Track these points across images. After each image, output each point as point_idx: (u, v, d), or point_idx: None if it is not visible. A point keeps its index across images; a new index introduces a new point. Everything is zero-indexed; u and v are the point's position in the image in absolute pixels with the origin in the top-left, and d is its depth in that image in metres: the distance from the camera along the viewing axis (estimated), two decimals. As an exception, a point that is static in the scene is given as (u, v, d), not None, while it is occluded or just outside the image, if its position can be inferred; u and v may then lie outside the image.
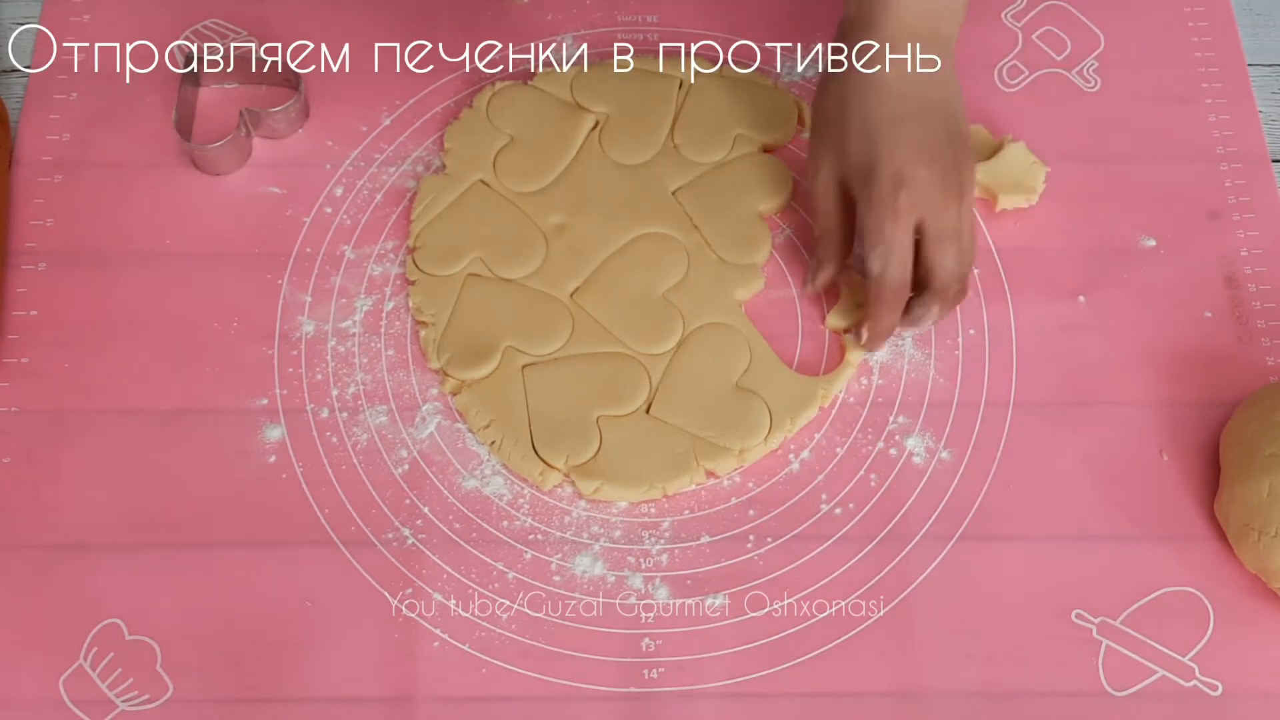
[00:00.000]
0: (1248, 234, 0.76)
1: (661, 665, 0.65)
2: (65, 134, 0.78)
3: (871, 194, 0.65)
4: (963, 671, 0.64)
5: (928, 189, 0.66)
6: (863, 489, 0.69)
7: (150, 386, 0.71)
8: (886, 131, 0.66)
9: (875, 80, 0.66)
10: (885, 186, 0.65)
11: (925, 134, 0.66)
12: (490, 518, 0.68)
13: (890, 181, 0.65)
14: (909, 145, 0.65)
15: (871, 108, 0.66)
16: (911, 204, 0.65)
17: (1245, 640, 0.65)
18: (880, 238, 0.66)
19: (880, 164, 0.65)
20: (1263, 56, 0.83)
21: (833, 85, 0.68)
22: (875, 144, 0.65)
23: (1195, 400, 0.71)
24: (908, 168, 0.65)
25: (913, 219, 0.66)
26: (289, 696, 0.64)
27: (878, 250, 0.66)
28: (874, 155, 0.65)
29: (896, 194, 0.65)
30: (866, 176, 0.66)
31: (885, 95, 0.66)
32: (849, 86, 0.67)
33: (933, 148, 0.66)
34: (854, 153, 0.66)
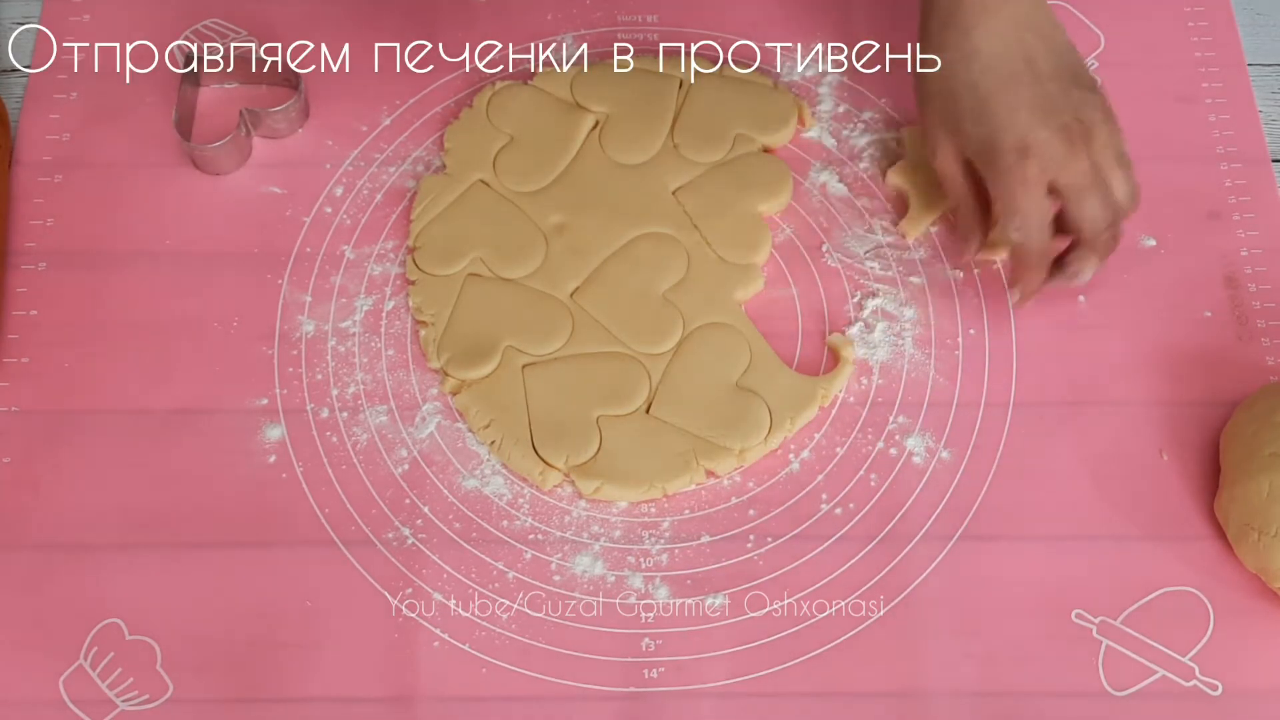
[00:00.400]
0: (1248, 234, 0.76)
1: (661, 665, 0.65)
2: (65, 134, 0.78)
3: (998, 168, 0.65)
4: (963, 671, 0.64)
5: (1051, 149, 0.65)
6: (863, 489, 0.69)
7: (150, 386, 0.71)
8: (998, 101, 0.64)
9: (973, 48, 0.65)
10: (1010, 158, 0.64)
11: (1037, 91, 0.65)
12: (490, 518, 0.68)
13: (1014, 153, 0.64)
14: (1024, 109, 0.64)
15: (977, 79, 0.65)
16: (1040, 169, 0.65)
17: (1245, 640, 0.65)
18: (1015, 209, 0.65)
19: (1000, 137, 0.64)
20: (1263, 56, 0.83)
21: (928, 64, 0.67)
22: (990, 117, 0.65)
23: (1195, 400, 0.71)
24: (1028, 134, 0.64)
25: (1044, 182, 0.65)
26: (289, 696, 0.64)
27: (1014, 221, 0.65)
28: (992, 129, 0.65)
29: (1023, 164, 0.64)
30: (989, 151, 0.65)
31: (989, 62, 0.65)
32: (949, 59, 0.66)
33: (1047, 103, 0.65)
34: (970, 130, 0.65)
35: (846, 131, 0.79)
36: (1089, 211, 0.66)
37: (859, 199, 0.77)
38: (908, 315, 0.73)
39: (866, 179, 0.78)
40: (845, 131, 0.79)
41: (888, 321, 0.73)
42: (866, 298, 0.74)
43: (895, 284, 0.74)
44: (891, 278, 0.75)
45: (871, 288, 0.74)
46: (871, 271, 0.75)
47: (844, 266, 0.75)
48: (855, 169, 0.78)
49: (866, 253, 0.75)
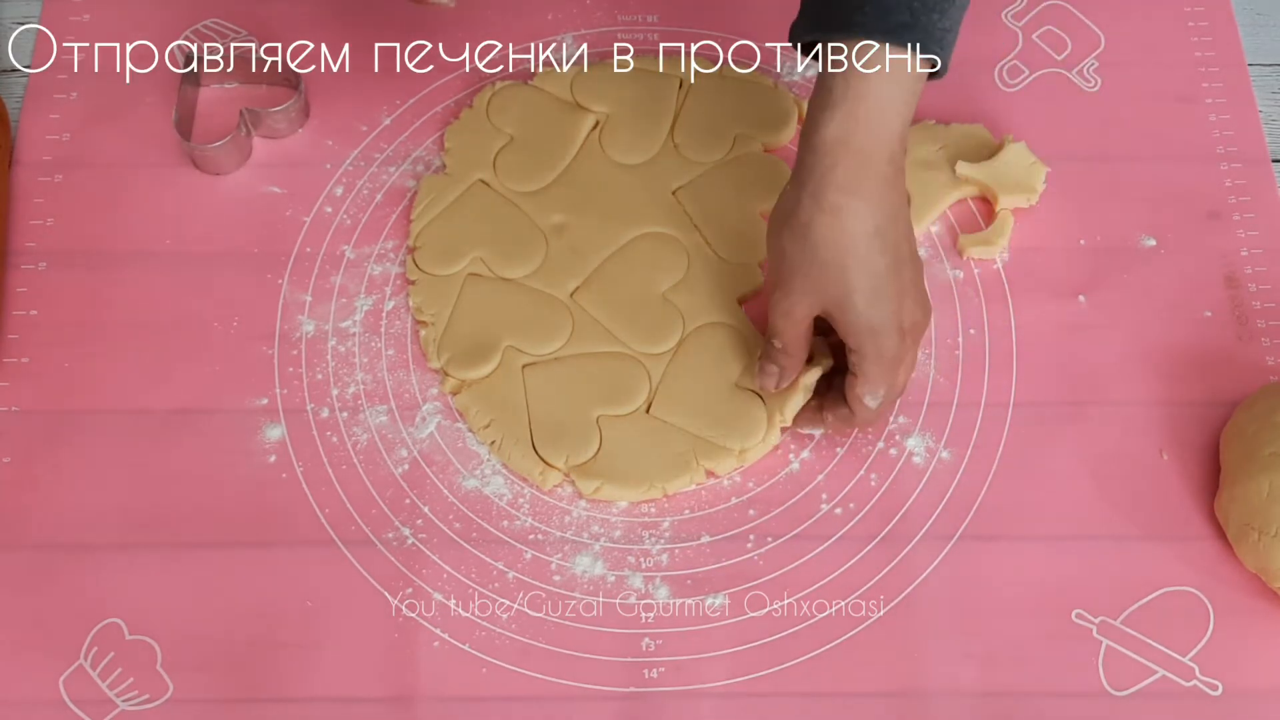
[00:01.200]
0: (1248, 234, 0.76)
1: (661, 665, 0.65)
2: (65, 134, 0.78)
3: (881, 349, 0.64)
4: (963, 671, 0.64)
5: (920, 329, 0.66)
6: (863, 489, 0.69)
7: (150, 386, 0.71)
8: (889, 285, 0.63)
9: (873, 227, 0.62)
10: (893, 340, 0.64)
11: (912, 273, 0.65)
12: (490, 518, 0.68)
13: (897, 335, 0.64)
14: (907, 294, 0.64)
15: (873, 260, 0.63)
16: (911, 344, 0.65)
17: (1245, 640, 0.65)
18: (885, 383, 0.65)
19: (889, 322, 0.63)
20: (1263, 56, 0.83)
21: (816, 227, 0.63)
22: (884, 301, 0.63)
23: (1195, 400, 0.71)
24: (908, 317, 0.64)
25: (911, 359, 0.66)
26: (289, 696, 0.64)
27: (881, 392, 0.65)
28: (882, 314, 0.63)
29: (902, 345, 0.64)
30: (874, 332, 0.63)
31: (883, 244, 0.63)
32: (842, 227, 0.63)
33: (917, 285, 0.65)
34: (861, 308, 0.63)
35: (846, 131, 0.79)
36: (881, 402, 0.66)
37: (859, 199, 0.77)
38: (908, 315, 0.73)
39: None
40: (845, 131, 0.79)
41: (888, 321, 0.73)
42: (866, 298, 0.74)
43: (895, 284, 0.74)
44: (891, 278, 0.74)
45: (871, 288, 0.74)
46: (871, 271, 0.75)
47: (844, 266, 0.75)
48: (855, 169, 0.78)
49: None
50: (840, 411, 0.67)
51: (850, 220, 0.62)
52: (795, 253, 0.64)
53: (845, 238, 0.62)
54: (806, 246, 0.63)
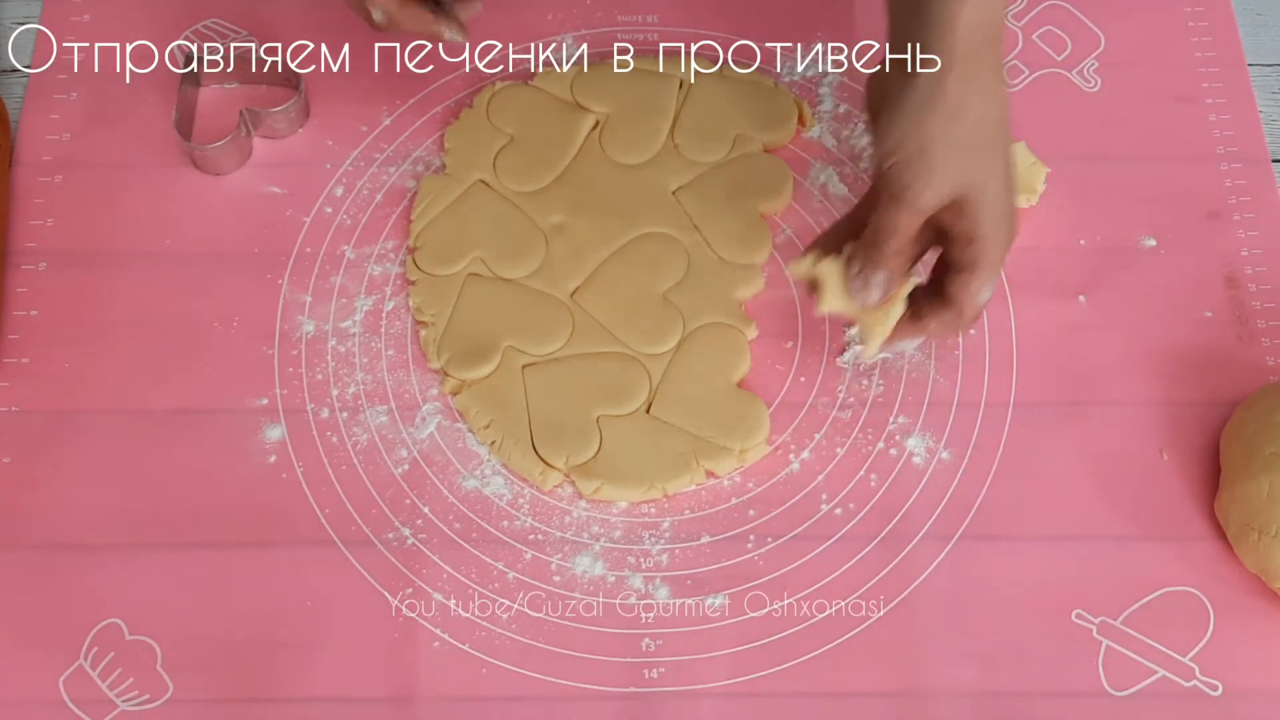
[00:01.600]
0: (1248, 234, 0.76)
1: (662, 665, 0.65)
2: (65, 134, 0.78)
3: (1007, 237, 0.63)
4: (963, 671, 0.64)
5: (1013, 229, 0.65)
6: (863, 489, 0.69)
7: (150, 386, 0.71)
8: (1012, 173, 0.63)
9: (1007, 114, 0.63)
10: (1015, 229, 0.64)
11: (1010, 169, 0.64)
12: (490, 518, 0.68)
13: (1013, 227, 0.64)
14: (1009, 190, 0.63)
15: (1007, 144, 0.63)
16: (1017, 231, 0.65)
17: (1245, 640, 0.65)
18: (998, 273, 0.64)
19: (1014, 209, 0.63)
20: (1263, 56, 0.83)
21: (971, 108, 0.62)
22: (1011, 188, 0.63)
23: (1195, 400, 0.71)
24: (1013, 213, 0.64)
25: None
26: (289, 696, 0.64)
27: (992, 285, 0.64)
28: (1011, 200, 0.63)
29: (1013, 238, 0.64)
30: (1005, 219, 0.63)
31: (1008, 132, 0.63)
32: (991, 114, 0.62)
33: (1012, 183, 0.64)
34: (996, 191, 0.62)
35: (847, 131, 0.79)
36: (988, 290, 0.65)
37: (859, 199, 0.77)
38: (908, 315, 0.73)
39: (867, 179, 0.77)
40: (845, 131, 0.79)
41: (888, 321, 0.73)
42: (866, 298, 0.74)
43: (895, 284, 0.74)
44: (891, 278, 0.74)
45: (871, 288, 0.74)
46: (871, 271, 0.75)
47: (844, 266, 0.75)
48: (855, 169, 0.78)
49: (866, 253, 0.75)
50: (944, 315, 0.66)
51: (997, 103, 0.63)
52: (940, 136, 0.61)
53: (993, 120, 0.63)
54: (956, 129, 0.61)
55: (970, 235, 0.63)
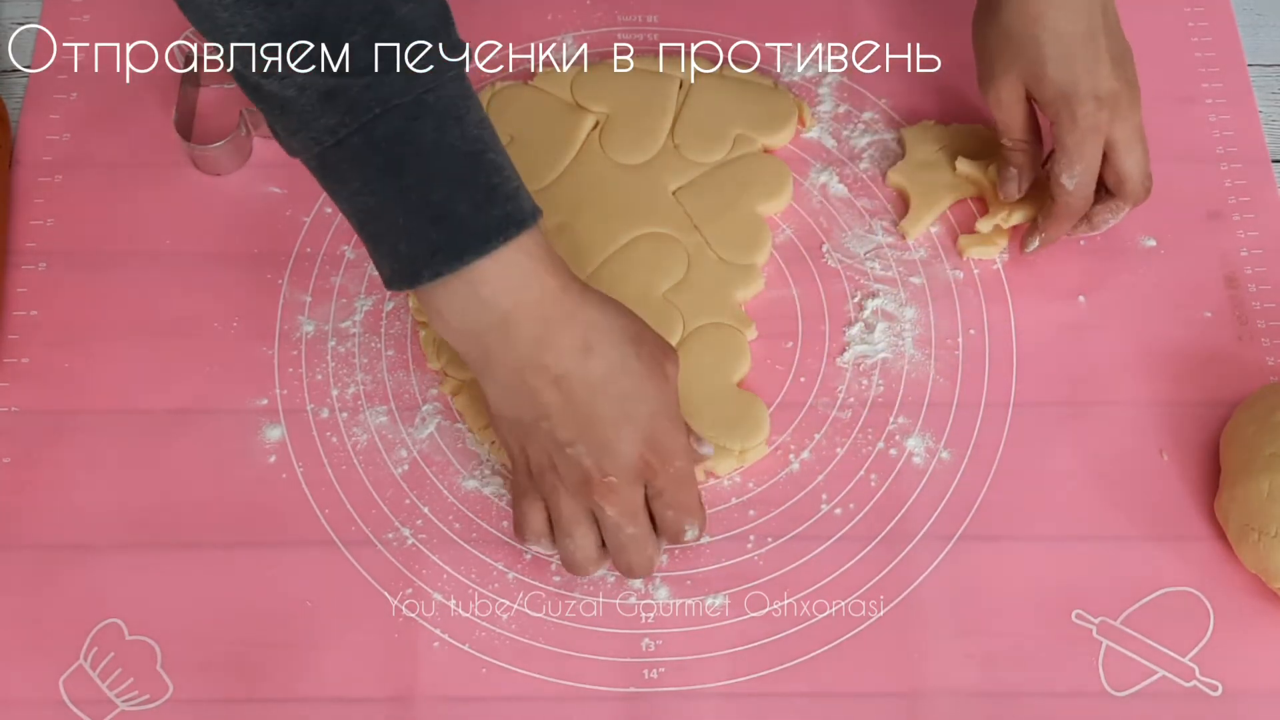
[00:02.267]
0: (1248, 234, 0.76)
1: (661, 665, 0.65)
2: (65, 134, 0.78)
3: (1075, 115, 0.67)
4: (963, 671, 0.64)
5: (1121, 102, 0.67)
6: (863, 489, 0.69)
7: (150, 386, 0.71)
8: (1082, 50, 0.66)
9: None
10: (1088, 107, 0.67)
11: (1110, 44, 0.67)
12: (490, 518, 0.68)
13: (1093, 102, 0.66)
14: (1103, 61, 0.67)
15: (1063, 25, 0.66)
16: (1110, 120, 0.67)
17: (1245, 640, 0.65)
18: (1081, 156, 0.68)
19: (1081, 86, 0.66)
20: (1263, 56, 0.83)
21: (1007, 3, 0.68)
22: (1074, 65, 0.66)
23: (1195, 400, 0.71)
24: (1104, 85, 0.67)
25: (1106, 134, 0.68)
26: (289, 696, 0.64)
27: (1077, 169, 0.68)
28: (1074, 77, 0.67)
29: (1099, 114, 0.67)
30: (1068, 98, 0.67)
31: (1076, 11, 0.66)
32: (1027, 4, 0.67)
33: (1117, 57, 0.68)
34: (1052, 74, 0.67)
35: (847, 132, 0.79)
36: (1139, 164, 0.69)
37: (859, 199, 0.77)
38: (908, 315, 0.73)
39: (866, 179, 0.78)
40: (845, 132, 0.79)
41: (888, 322, 0.73)
42: (867, 298, 0.74)
43: (895, 284, 0.74)
44: (891, 278, 0.75)
45: (871, 288, 0.74)
46: (871, 272, 0.75)
47: (844, 267, 0.75)
48: (855, 169, 0.78)
49: (867, 253, 0.75)
50: (1047, 206, 0.71)
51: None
52: (990, 35, 0.69)
53: (1033, 6, 0.66)
54: (998, 24, 0.68)
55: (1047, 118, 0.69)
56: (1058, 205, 0.70)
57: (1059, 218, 0.71)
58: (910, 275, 0.75)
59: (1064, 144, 0.68)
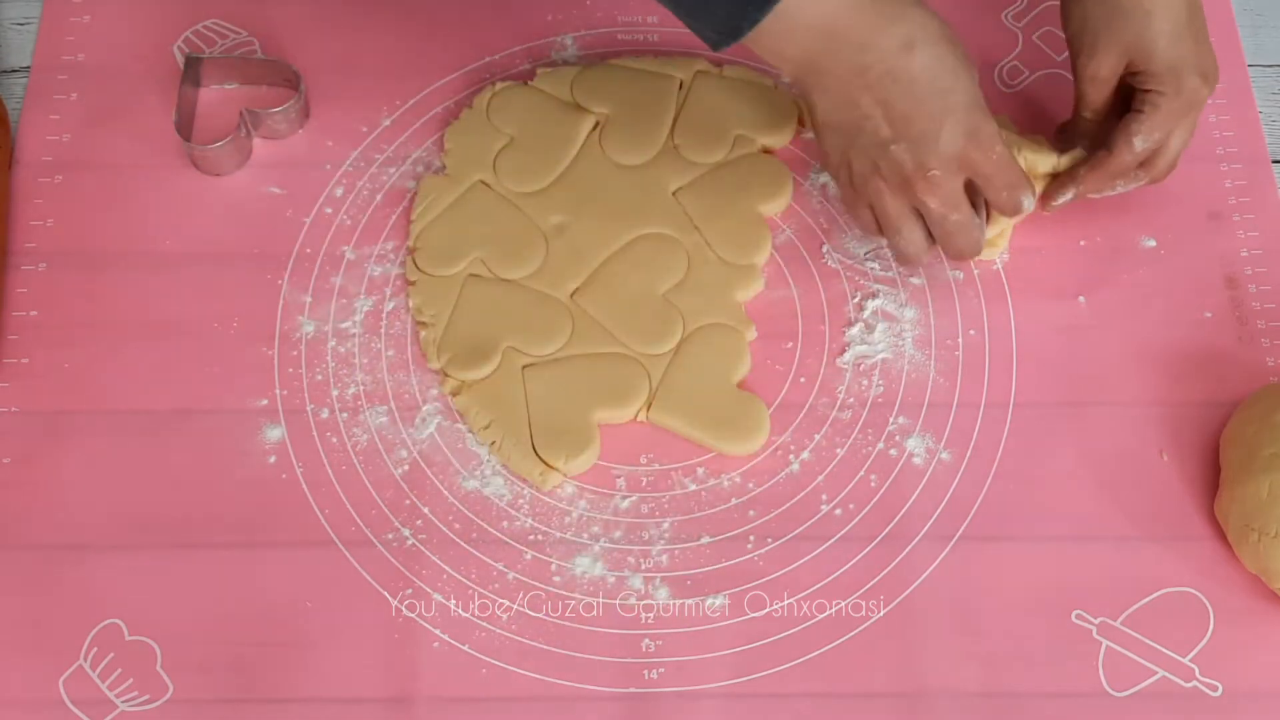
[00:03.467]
0: (1248, 234, 0.76)
1: (662, 665, 0.65)
2: (65, 134, 0.78)
3: (1182, 88, 0.67)
4: (963, 671, 0.64)
5: (1212, 81, 0.68)
6: (863, 489, 0.69)
7: (150, 386, 0.71)
8: (1189, 26, 0.67)
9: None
10: (1194, 81, 0.67)
11: (1203, 20, 0.68)
12: (490, 518, 0.68)
13: (1199, 77, 0.67)
14: (1206, 39, 0.68)
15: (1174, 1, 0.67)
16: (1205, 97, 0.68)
17: (1245, 640, 0.65)
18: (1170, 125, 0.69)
19: (1190, 60, 0.67)
20: (1263, 56, 0.83)
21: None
22: (1185, 40, 0.67)
23: (1195, 400, 0.71)
24: (1208, 61, 0.68)
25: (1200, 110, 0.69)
26: (289, 696, 0.64)
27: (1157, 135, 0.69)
28: (1185, 52, 0.67)
29: (1202, 89, 0.68)
30: (1177, 71, 0.67)
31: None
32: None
33: (1206, 32, 0.68)
34: (1165, 47, 0.67)
35: (846, 132, 0.79)
36: (1183, 144, 0.71)
37: (859, 199, 0.77)
38: (908, 316, 0.73)
39: (866, 179, 0.77)
40: (845, 132, 0.79)
41: (888, 322, 0.73)
42: (867, 298, 0.74)
43: (895, 284, 0.74)
44: (891, 278, 0.75)
45: (871, 288, 0.74)
46: (871, 272, 0.75)
47: (844, 267, 0.75)
48: (855, 169, 0.78)
49: (866, 253, 0.75)
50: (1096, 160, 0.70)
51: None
52: (1094, 10, 0.68)
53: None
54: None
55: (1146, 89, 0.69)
56: (1113, 161, 0.70)
57: (1107, 173, 0.71)
58: (910, 275, 0.75)
59: (1159, 110, 0.68)
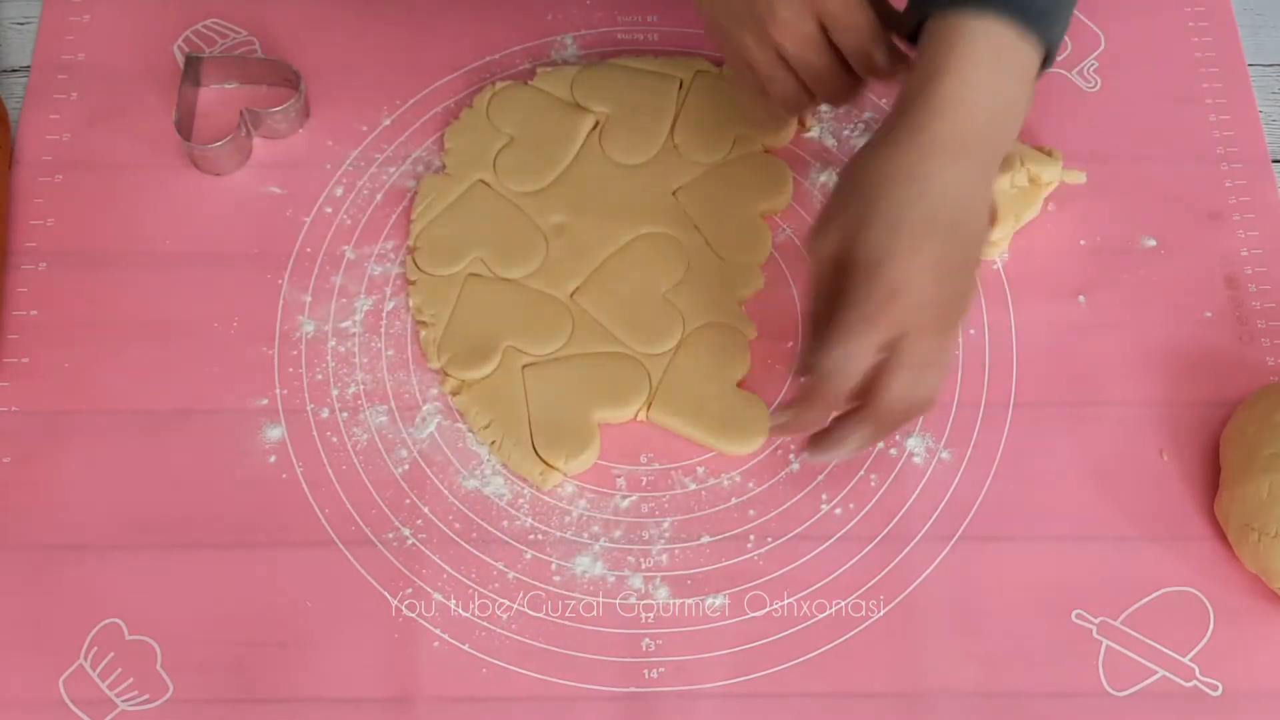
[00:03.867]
0: (1248, 234, 0.76)
1: (661, 665, 0.65)
2: (65, 134, 0.78)
3: (864, 291, 0.59)
4: (963, 671, 0.64)
5: (922, 311, 0.59)
6: (863, 489, 0.69)
7: (150, 386, 0.71)
8: (908, 234, 0.59)
9: (921, 173, 0.59)
10: (881, 291, 0.58)
11: (947, 252, 0.59)
12: (490, 518, 0.68)
13: (888, 288, 0.58)
14: (925, 257, 0.59)
15: (905, 202, 0.59)
16: (898, 321, 0.59)
17: (1245, 640, 0.65)
18: (848, 339, 0.59)
19: (886, 266, 0.58)
20: (1263, 56, 0.83)
21: (875, 158, 0.61)
22: (893, 242, 0.59)
23: (1195, 400, 0.71)
24: (914, 281, 0.59)
25: (890, 335, 0.59)
26: (289, 696, 0.64)
27: (838, 351, 0.59)
28: (885, 253, 0.59)
29: (889, 304, 0.58)
30: (869, 270, 0.59)
31: (924, 194, 0.59)
32: (891, 168, 0.60)
33: (947, 269, 0.60)
34: (869, 239, 0.59)
35: (847, 131, 0.79)
36: (897, 384, 0.60)
37: (859, 199, 0.77)
38: (908, 315, 0.73)
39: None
40: (846, 131, 0.79)
41: (888, 321, 0.73)
42: (866, 298, 0.74)
43: (895, 284, 0.74)
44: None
45: (871, 288, 0.74)
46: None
47: (844, 266, 0.75)
48: (855, 169, 0.78)
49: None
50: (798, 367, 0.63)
51: (897, 157, 0.61)
52: (841, 185, 0.64)
53: (886, 171, 0.60)
54: (848, 178, 0.63)
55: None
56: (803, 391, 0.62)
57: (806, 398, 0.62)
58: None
59: (841, 314, 0.59)
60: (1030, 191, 0.75)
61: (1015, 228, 0.74)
